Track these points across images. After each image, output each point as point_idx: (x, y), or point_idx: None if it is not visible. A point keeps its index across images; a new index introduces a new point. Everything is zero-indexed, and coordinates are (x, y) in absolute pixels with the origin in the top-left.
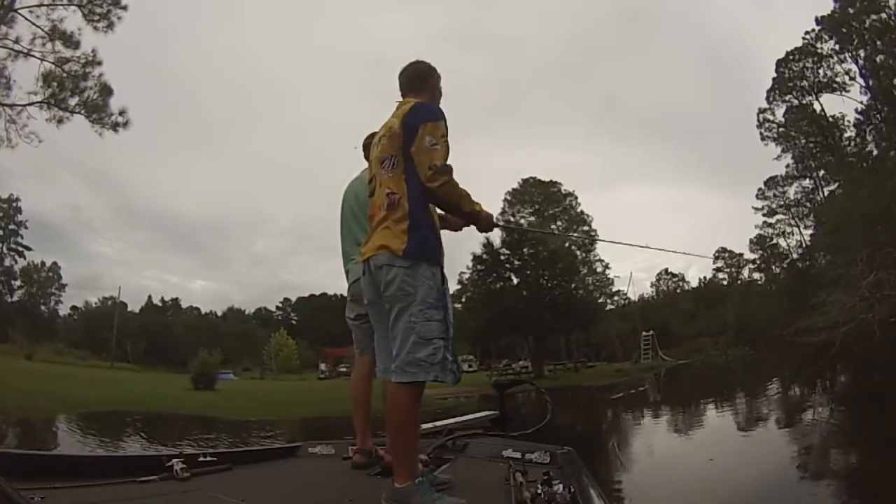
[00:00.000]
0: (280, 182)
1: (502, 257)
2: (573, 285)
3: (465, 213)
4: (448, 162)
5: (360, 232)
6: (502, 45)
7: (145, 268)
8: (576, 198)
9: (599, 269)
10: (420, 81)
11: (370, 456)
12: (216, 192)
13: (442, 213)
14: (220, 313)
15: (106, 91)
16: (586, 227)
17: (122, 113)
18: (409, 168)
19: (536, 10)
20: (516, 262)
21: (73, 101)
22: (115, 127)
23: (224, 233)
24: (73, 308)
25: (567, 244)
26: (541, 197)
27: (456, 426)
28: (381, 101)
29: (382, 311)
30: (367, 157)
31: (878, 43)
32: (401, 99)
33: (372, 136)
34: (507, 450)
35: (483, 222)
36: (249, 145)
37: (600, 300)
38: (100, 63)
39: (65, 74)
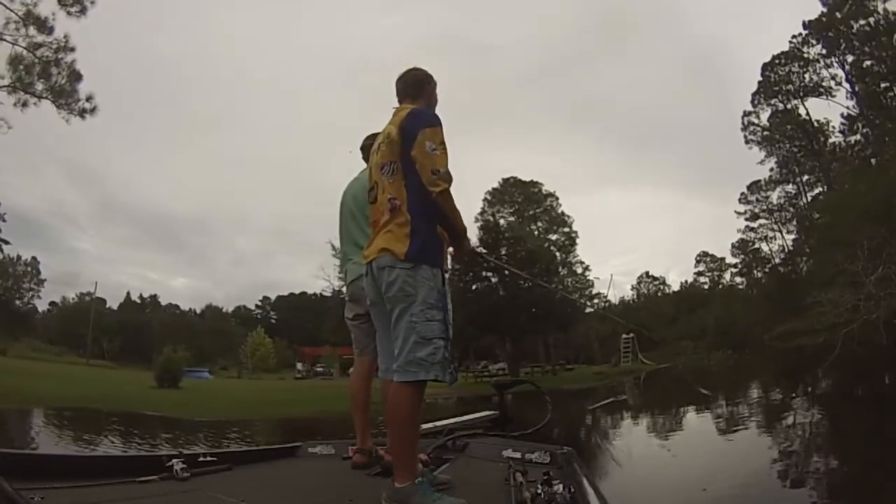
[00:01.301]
0: (264, 180)
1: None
2: (553, 285)
3: (456, 227)
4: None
5: (358, 233)
6: (483, 50)
7: (127, 264)
8: (556, 198)
9: (579, 271)
10: (417, 88)
11: (370, 456)
12: (200, 189)
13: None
14: (199, 311)
15: (74, 76)
16: (567, 229)
17: (89, 99)
18: (408, 174)
19: (516, 16)
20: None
21: (40, 86)
22: (82, 113)
23: (207, 230)
24: (52, 304)
25: (546, 244)
26: (521, 197)
27: (456, 426)
28: (365, 101)
29: (384, 311)
30: (365, 158)
31: (867, 48)
32: (397, 105)
33: (371, 136)
34: (507, 450)
35: (466, 246)
36: (236, 143)
37: (580, 302)
38: (72, 49)
39: (36, 60)
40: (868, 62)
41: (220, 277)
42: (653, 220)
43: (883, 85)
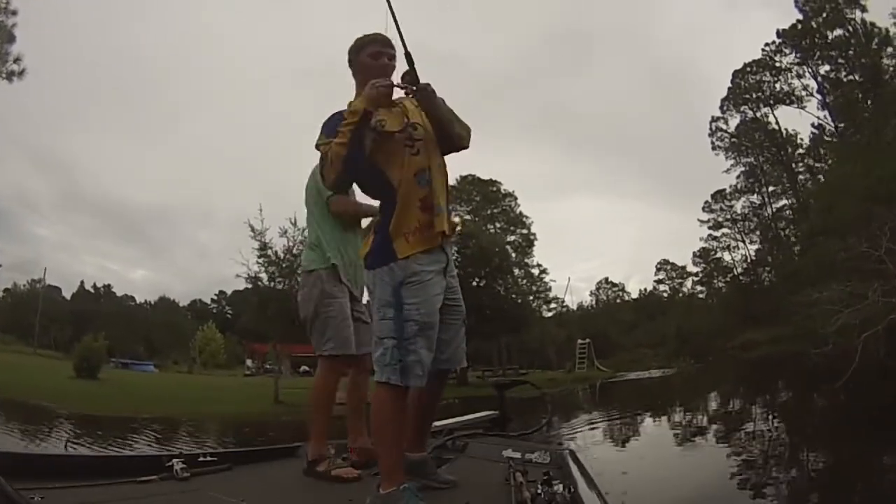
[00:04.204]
0: (230, 174)
1: None
2: (507, 286)
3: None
4: (327, 166)
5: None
6: (450, 58)
7: (87, 254)
8: (515, 199)
9: (536, 273)
10: (351, 68)
11: (370, 455)
12: (166, 181)
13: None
14: (153, 303)
15: (6, 37)
16: (525, 230)
17: (17, 60)
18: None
19: (484, 26)
20: None
21: None
22: (10, 76)
23: (170, 223)
24: (6, 291)
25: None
26: (479, 196)
27: (456, 426)
28: (338, 102)
29: None
30: None
31: (841, 58)
32: None
33: None
34: (507, 450)
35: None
36: (207, 137)
37: (535, 305)
38: (14, 13)
39: None
40: (843, 72)
41: (181, 271)
42: (615, 228)
43: (857, 93)
